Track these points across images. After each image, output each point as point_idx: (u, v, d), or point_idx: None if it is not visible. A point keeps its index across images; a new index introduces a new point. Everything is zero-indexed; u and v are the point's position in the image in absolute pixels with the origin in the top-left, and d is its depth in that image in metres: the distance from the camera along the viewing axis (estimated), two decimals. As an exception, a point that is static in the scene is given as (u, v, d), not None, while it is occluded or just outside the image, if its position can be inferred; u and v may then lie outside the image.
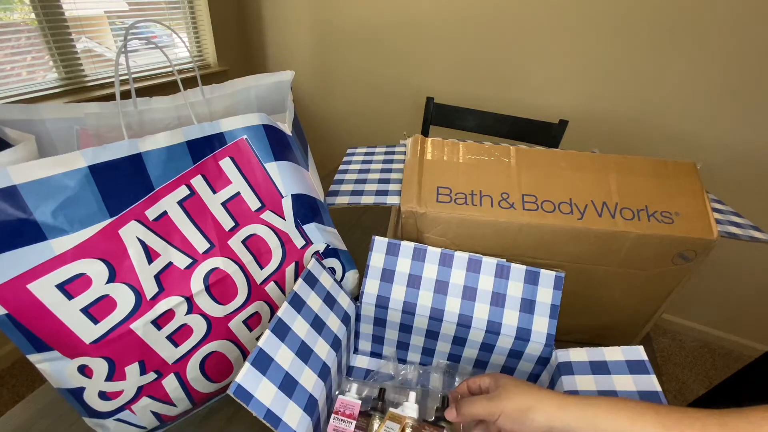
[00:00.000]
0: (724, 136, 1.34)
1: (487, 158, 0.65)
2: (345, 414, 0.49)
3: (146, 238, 0.41)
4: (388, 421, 0.49)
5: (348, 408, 0.50)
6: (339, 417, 0.49)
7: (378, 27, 1.76)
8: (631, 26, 1.33)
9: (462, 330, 0.55)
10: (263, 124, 0.47)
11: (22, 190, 0.33)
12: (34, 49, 1.36)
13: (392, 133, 1.94)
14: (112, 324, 0.41)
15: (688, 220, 0.57)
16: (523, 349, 0.54)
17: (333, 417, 0.49)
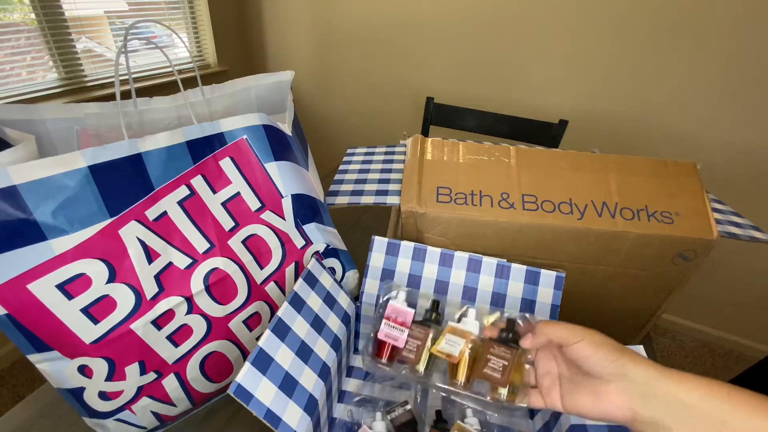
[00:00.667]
0: (724, 136, 1.34)
1: (487, 158, 0.65)
2: (397, 321, 0.45)
3: (146, 238, 0.41)
4: (449, 334, 0.44)
5: (400, 315, 0.46)
6: (390, 323, 0.45)
7: (378, 27, 1.76)
8: (631, 26, 1.33)
9: (462, 330, 0.55)
10: (263, 124, 0.47)
11: (22, 190, 0.33)
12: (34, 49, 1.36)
13: (392, 133, 1.94)
14: (112, 324, 0.41)
15: (688, 220, 0.57)
16: (523, 349, 0.54)
17: (384, 322, 0.46)
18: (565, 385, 0.37)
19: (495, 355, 0.42)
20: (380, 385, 0.59)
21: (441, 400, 0.57)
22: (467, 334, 0.44)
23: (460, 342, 0.43)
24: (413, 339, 0.45)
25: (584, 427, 0.42)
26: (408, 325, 0.45)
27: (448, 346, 0.43)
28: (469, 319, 0.47)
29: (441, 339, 0.44)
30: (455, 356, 0.42)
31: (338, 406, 0.56)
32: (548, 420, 0.49)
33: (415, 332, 0.45)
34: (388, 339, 0.45)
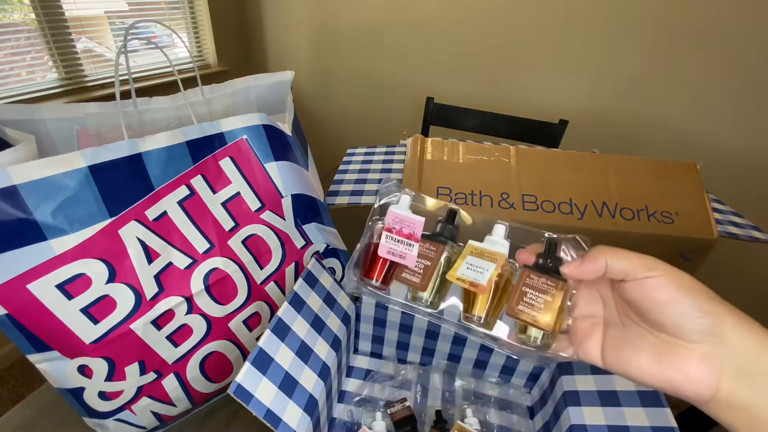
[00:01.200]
0: (724, 136, 1.34)
1: (487, 158, 0.65)
2: (402, 233, 0.35)
3: (146, 238, 0.41)
4: (472, 257, 0.33)
5: (406, 225, 0.35)
6: (393, 236, 0.35)
7: (378, 27, 1.76)
8: (632, 27, 1.33)
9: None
10: (263, 124, 0.47)
11: (22, 190, 0.33)
12: (34, 49, 1.36)
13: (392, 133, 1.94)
14: (112, 324, 0.41)
15: (688, 220, 0.57)
16: (523, 349, 0.54)
17: (385, 235, 0.35)
18: (613, 335, 0.28)
19: (532, 287, 0.31)
20: (380, 385, 0.59)
21: (441, 400, 0.57)
22: (497, 257, 0.33)
23: (488, 267, 0.32)
24: (420, 258, 0.34)
25: (584, 427, 0.42)
26: (417, 238, 0.35)
27: (471, 272, 0.32)
28: (497, 237, 0.35)
29: (460, 261, 0.33)
30: (483, 285, 0.31)
31: (338, 406, 0.56)
32: (548, 420, 0.49)
33: (423, 249, 0.35)
34: (392, 256, 0.34)
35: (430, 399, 0.57)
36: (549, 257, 0.32)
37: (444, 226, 0.37)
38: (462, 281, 0.33)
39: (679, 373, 0.23)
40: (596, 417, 0.42)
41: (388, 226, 0.36)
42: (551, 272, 0.31)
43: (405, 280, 0.35)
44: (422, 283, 0.34)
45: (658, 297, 0.24)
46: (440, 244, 0.35)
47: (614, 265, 0.26)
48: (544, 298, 0.30)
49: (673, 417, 0.39)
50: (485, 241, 0.35)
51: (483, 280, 0.32)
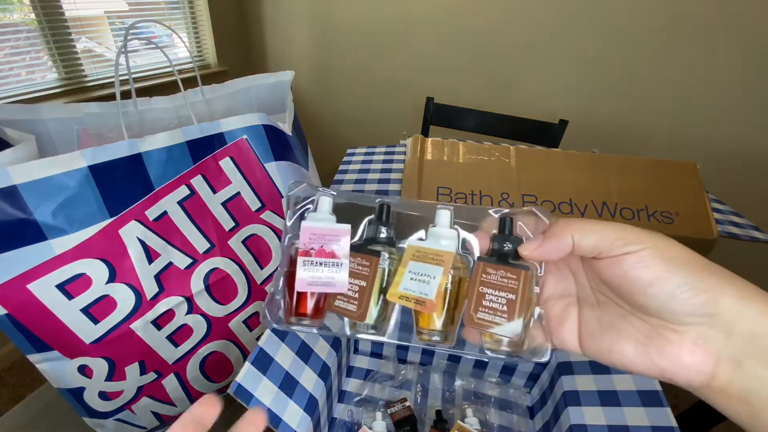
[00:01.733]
0: (724, 136, 1.34)
1: (487, 158, 0.65)
2: (324, 253, 0.28)
3: (146, 238, 0.41)
4: (414, 262, 0.27)
5: (328, 240, 0.28)
6: (313, 260, 0.28)
7: (378, 27, 1.76)
8: (632, 27, 1.33)
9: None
10: (263, 124, 0.47)
11: (22, 190, 0.33)
12: (33, 49, 1.36)
13: (392, 133, 1.94)
14: (112, 324, 0.41)
15: (688, 220, 0.57)
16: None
17: (302, 261, 0.28)
18: (589, 318, 0.24)
19: (491, 285, 0.26)
20: (380, 385, 0.59)
21: (441, 400, 0.57)
22: (444, 257, 0.27)
23: (435, 272, 0.26)
24: (353, 278, 0.28)
25: (584, 427, 0.42)
26: (343, 255, 0.28)
27: (416, 284, 0.26)
28: (441, 228, 0.29)
29: (401, 272, 0.27)
30: (430, 301, 0.26)
31: (338, 406, 0.56)
32: (548, 420, 0.49)
33: (354, 266, 0.28)
34: (316, 287, 0.27)
35: (430, 399, 0.57)
36: (504, 240, 0.27)
37: (376, 228, 0.30)
38: (406, 299, 0.27)
39: (669, 361, 0.20)
40: (596, 417, 0.42)
41: (303, 249, 0.28)
42: (510, 259, 0.26)
43: (339, 310, 0.28)
44: (359, 312, 0.27)
45: (640, 277, 0.20)
46: (372, 256, 0.28)
47: (582, 241, 0.22)
48: (506, 297, 0.25)
49: (674, 417, 0.39)
50: (429, 237, 0.29)
51: (430, 292, 0.26)
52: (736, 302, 0.19)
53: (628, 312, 0.22)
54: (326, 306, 0.29)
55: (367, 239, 0.30)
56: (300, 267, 0.27)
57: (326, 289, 0.28)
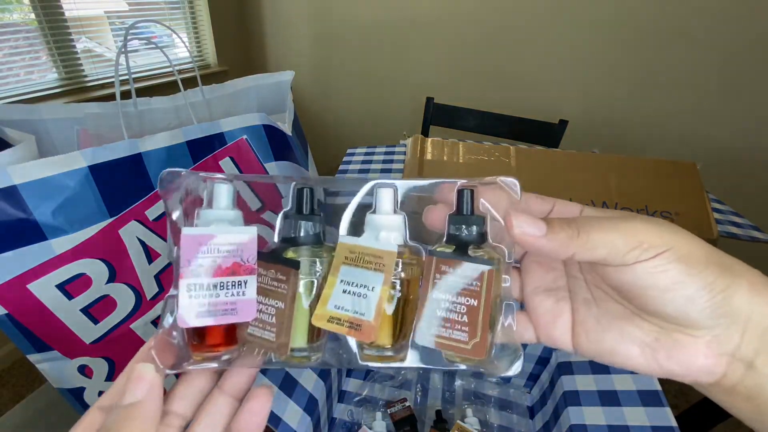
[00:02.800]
0: (725, 136, 1.34)
1: (487, 158, 0.65)
2: (221, 270, 0.20)
3: (146, 238, 0.41)
4: (347, 267, 0.21)
5: (226, 253, 0.21)
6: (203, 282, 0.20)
7: (378, 27, 1.76)
8: (632, 27, 1.33)
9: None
10: (263, 124, 0.47)
11: (22, 190, 0.33)
12: (33, 49, 1.36)
13: (392, 133, 1.94)
14: (113, 324, 0.41)
15: (688, 220, 0.57)
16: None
17: (185, 287, 0.20)
18: (586, 317, 0.22)
19: (447, 288, 0.20)
20: (380, 385, 0.59)
21: (441, 399, 0.57)
22: (384, 259, 0.21)
23: (373, 282, 0.21)
24: (264, 298, 0.21)
25: (584, 427, 0.42)
26: (250, 267, 0.21)
27: (349, 300, 0.21)
28: (382, 215, 0.22)
29: (331, 282, 0.21)
30: (368, 323, 0.20)
31: (338, 406, 0.56)
32: (548, 420, 0.49)
33: (264, 283, 0.21)
34: (214, 319, 0.20)
35: (430, 399, 0.57)
36: (463, 223, 0.21)
37: (293, 223, 0.22)
38: (337, 322, 0.20)
39: (680, 365, 0.19)
40: (596, 417, 0.42)
41: (188, 267, 0.20)
42: (471, 248, 0.21)
43: (254, 340, 0.21)
44: (279, 342, 0.20)
45: (656, 283, 0.18)
46: (288, 267, 0.21)
47: (586, 255, 0.19)
48: (467, 304, 0.20)
49: (674, 417, 0.39)
50: (366, 227, 0.22)
51: (368, 311, 0.20)
52: (748, 298, 0.17)
53: (632, 312, 0.20)
54: (237, 334, 0.22)
55: (284, 241, 0.23)
56: (183, 294, 0.19)
57: (226, 319, 0.20)
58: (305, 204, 0.23)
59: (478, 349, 0.20)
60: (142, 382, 0.19)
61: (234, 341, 0.22)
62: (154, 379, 0.19)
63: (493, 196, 0.22)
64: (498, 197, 0.22)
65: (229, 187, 0.23)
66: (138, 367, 0.19)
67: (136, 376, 0.19)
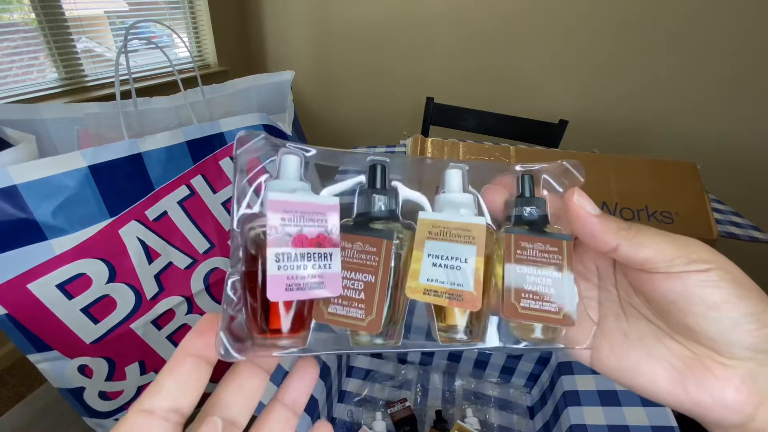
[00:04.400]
0: (725, 136, 1.34)
1: (487, 158, 0.65)
2: (305, 240, 0.19)
3: (146, 238, 0.41)
4: (434, 241, 0.20)
5: (309, 220, 0.19)
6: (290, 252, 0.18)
7: (378, 27, 1.76)
8: (632, 27, 1.33)
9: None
10: (263, 124, 0.47)
11: (22, 190, 0.33)
12: (34, 49, 1.36)
13: (392, 133, 1.94)
14: (113, 324, 0.41)
15: (688, 220, 0.57)
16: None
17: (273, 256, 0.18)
18: (612, 331, 0.21)
19: (530, 261, 0.20)
20: (380, 385, 0.59)
21: (441, 400, 0.57)
22: (474, 231, 0.20)
23: (465, 253, 0.20)
24: (351, 272, 0.20)
25: (584, 427, 0.42)
26: (334, 240, 0.20)
27: (442, 272, 0.20)
28: (454, 194, 0.22)
29: (416, 257, 0.20)
30: (471, 294, 0.19)
31: (338, 406, 0.56)
32: (548, 420, 0.49)
33: (352, 255, 0.20)
34: (298, 292, 0.18)
35: (430, 399, 0.57)
36: (528, 204, 0.22)
37: (372, 198, 0.22)
38: (434, 294, 0.20)
39: (709, 396, 0.17)
40: (596, 417, 0.42)
41: (275, 236, 0.18)
42: (533, 224, 0.21)
43: (337, 321, 0.19)
44: (370, 320, 0.19)
45: (704, 297, 0.17)
46: (381, 238, 0.20)
47: (631, 252, 0.18)
48: (551, 277, 0.20)
49: (674, 417, 0.39)
50: (440, 205, 0.22)
51: (466, 282, 0.20)
52: None
53: (663, 332, 0.19)
54: (313, 313, 0.20)
55: (360, 215, 0.22)
56: (271, 264, 0.18)
57: (314, 293, 0.19)
58: (380, 179, 0.22)
59: (568, 318, 0.20)
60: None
61: (302, 328, 0.20)
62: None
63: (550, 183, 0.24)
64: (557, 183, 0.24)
65: (299, 158, 0.21)
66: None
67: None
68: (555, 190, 0.24)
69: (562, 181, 0.23)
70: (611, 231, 0.19)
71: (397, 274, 0.21)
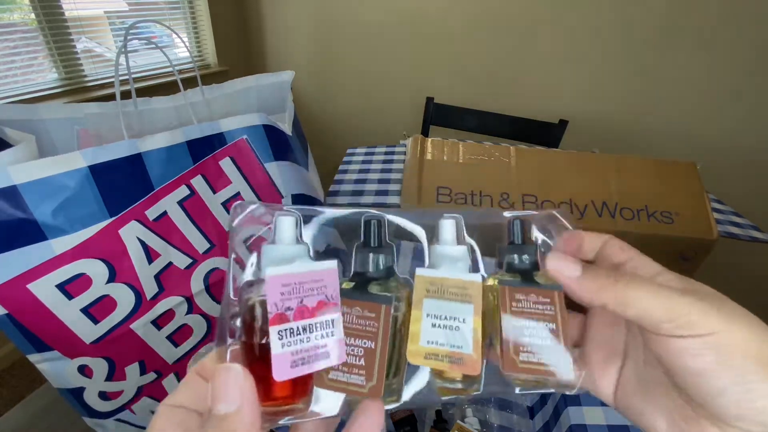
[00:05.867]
0: (725, 136, 1.34)
1: (486, 158, 0.65)
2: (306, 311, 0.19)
3: (146, 238, 0.41)
4: (431, 300, 0.20)
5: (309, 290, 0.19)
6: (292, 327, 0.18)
7: (378, 27, 1.75)
8: (632, 27, 1.33)
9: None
10: (263, 124, 0.47)
11: (22, 190, 0.33)
12: (33, 49, 1.36)
13: (392, 133, 1.94)
14: (112, 324, 0.41)
15: (688, 220, 0.57)
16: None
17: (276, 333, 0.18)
18: (629, 374, 0.21)
19: (525, 314, 0.20)
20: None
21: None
22: (470, 289, 0.20)
23: (463, 312, 0.20)
24: (351, 338, 0.20)
25: (584, 427, 0.42)
26: (334, 304, 0.19)
27: (441, 333, 0.20)
28: (448, 246, 0.22)
29: (415, 317, 0.20)
30: (470, 357, 0.19)
31: (338, 406, 0.56)
32: (548, 420, 0.49)
33: (351, 321, 0.20)
34: (303, 367, 0.18)
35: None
36: (520, 252, 0.22)
37: (369, 257, 0.21)
38: (436, 359, 0.20)
39: None
40: (596, 417, 0.42)
41: (277, 312, 0.18)
42: (531, 275, 0.21)
43: (338, 387, 0.19)
44: (371, 386, 0.19)
45: (687, 365, 0.17)
46: (379, 303, 0.20)
47: (618, 310, 0.18)
48: (547, 328, 0.20)
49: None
50: (435, 259, 0.22)
51: (465, 344, 0.20)
52: None
53: (671, 383, 0.19)
54: (315, 380, 0.19)
55: (356, 274, 0.21)
56: (275, 343, 0.17)
57: (320, 365, 0.18)
58: (375, 236, 0.22)
59: (562, 376, 0.20)
60: (234, 388, 0.16)
61: (305, 394, 0.20)
62: (245, 384, 0.16)
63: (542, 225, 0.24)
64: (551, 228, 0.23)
65: (293, 219, 0.21)
66: (223, 370, 0.16)
67: (223, 381, 0.16)
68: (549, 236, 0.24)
69: (554, 227, 0.23)
70: (593, 291, 0.19)
71: (397, 335, 0.21)
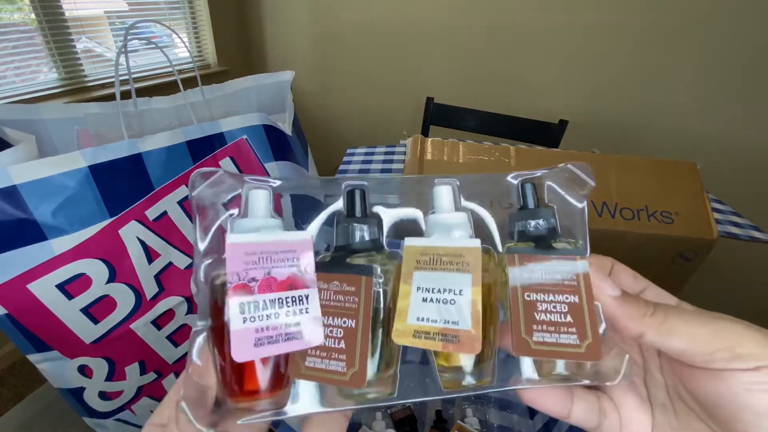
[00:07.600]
0: (725, 136, 1.34)
1: (487, 158, 0.64)
2: (274, 283, 0.17)
3: (146, 238, 0.41)
4: (423, 272, 0.18)
5: (277, 262, 0.17)
6: (254, 301, 0.16)
7: (378, 27, 1.76)
8: (632, 26, 1.33)
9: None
10: (263, 124, 0.47)
11: (22, 190, 0.33)
12: (33, 49, 1.36)
13: (392, 133, 1.94)
14: (112, 324, 0.41)
15: (688, 220, 0.57)
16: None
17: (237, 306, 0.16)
18: (663, 426, 0.18)
19: (539, 285, 0.17)
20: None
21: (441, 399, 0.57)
22: (467, 257, 0.18)
23: (460, 284, 0.17)
24: (330, 318, 0.17)
25: (584, 427, 0.42)
26: (308, 280, 0.17)
27: (433, 309, 0.17)
28: (445, 214, 0.19)
29: (405, 290, 0.17)
30: (468, 333, 0.17)
31: (338, 406, 0.56)
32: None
33: (329, 297, 0.18)
34: (267, 348, 0.16)
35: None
36: (533, 217, 0.19)
37: (350, 227, 0.19)
38: (426, 337, 0.17)
39: None
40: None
41: (239, 282, 0.16)
42: (543, 239, 0.18)
43: (316, 376, 0.17)
44: (353, 373, 0.16)
45: (755, 403, 0.14)
46: (359, 275, 0.17)
47: (660, 342, 0.16)
48: (567, 300, 0.17)
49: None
50: (431, 228, 0.19)
51: (462, 319, 0.17)
52: None
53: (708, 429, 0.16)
54: (290, 369, 0.17)
55: (338, 249, 0.19)
56: (235, 317, 0.15)
57: (290, 346, 0.16)
58: (358, 205, 0.19)
59: (593, 350, 0.16)
60: None
61: (281, 386, 0.17)
62: None
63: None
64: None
65: (267, 192, 0.20)
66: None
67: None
68: (563, 196, 0.20)
69: (570, 186, 0.20)
70: (634, 317, 0.16)
71: (385, 314, 0.18)
